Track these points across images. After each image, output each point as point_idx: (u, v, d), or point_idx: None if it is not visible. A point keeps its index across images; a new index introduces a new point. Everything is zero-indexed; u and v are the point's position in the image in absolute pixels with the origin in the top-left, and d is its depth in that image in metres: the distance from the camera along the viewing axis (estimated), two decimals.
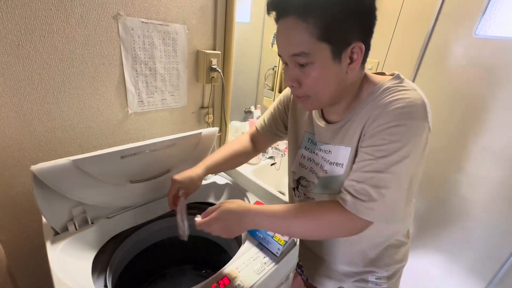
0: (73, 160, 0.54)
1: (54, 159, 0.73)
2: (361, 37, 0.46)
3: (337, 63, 0.47)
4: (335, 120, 0.59)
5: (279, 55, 0.51)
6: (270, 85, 1.46)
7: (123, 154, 0.62)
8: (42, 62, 0.64)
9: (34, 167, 0.51)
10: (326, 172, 0.60)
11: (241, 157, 0.76)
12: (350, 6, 0.43)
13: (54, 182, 0.54)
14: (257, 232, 0.63)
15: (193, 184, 0.65)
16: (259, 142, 0.79)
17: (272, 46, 1.33)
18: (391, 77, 0.52)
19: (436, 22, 1.12)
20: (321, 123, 0.60)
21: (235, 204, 0.53)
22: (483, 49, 1.03)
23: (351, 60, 0.47)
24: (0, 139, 0.64)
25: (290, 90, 0.71)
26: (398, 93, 0.48)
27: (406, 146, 0.45)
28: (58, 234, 0.60)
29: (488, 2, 0.98)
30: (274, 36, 1.30)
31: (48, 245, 0.56)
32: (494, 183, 1.08)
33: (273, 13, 0.48)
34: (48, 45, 0.64)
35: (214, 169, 0.70)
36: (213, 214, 0.52)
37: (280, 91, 1.41)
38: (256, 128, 0.79)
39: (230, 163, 0.74)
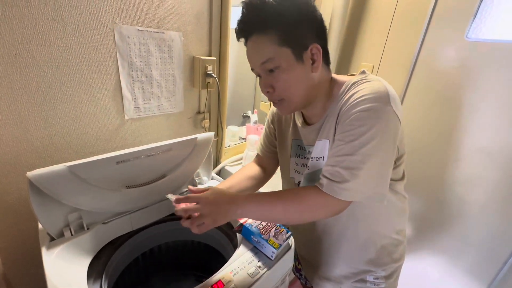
0: (69, 166, 0.55)
1: (50, 166, 0.74)
2: (316, 40, 0.53)
3: (300, 64, 0.53)
4: (314, 122, 0.63)
5: (252, 70, 0.58)
6: None
7: (118, 160, 0.62)
8: (39, 70, 0.65)
9: (30, 174, 0.51)
10: (309, 168, 0.63)
11: (256, 181, 0.76)
12: (300, 15, 0.51)
13: (49, 188, 0.55)
14: (252, 236, 0.63)
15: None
16: (265, 166, 0.80)
17: None
18: (358, 74, 0.58)
19: (429, 25, 1.14)
20: (304, 128, 0.64)
21: (223, 190, 0.56)
22: (475, 52, 1.04)
23: (313, 61, 0.54)
24: None
25: (273, 108, 0.76)
26: (362, 84, 0.53)
27: (371, 129, 0.48)
28: (54, 240, 0.60)
29: (478, 7, 1.00)
30: None
31: (44, 251, 0.56)
32: (490, 183, 1.09)
33: (242, 39, 0.56)
34: (45, 54, 0.65)
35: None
36: (206, 193, 0.53)
37: None
38: (258, 153, 0.83)
39: (249, 187, 0.74)
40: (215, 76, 0.97)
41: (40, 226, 0.62)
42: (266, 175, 0.80)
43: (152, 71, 0.85)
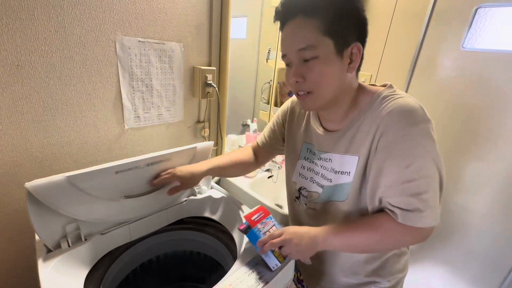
0: (67, 177, 0.55)
1: (49, 175, 0.74)
2: (359, 40, 0.51)
3: (339, 59, 0.50)
4: (333, 129, 0.61)
5: (283, 57, 0.55)
6: (266, 98, 1.48)
7: (117, 170, 0.62)
8: (40, 81, 0.66)
9: (28, 184, 0.51)
10: (331, 181, 0.61)
11: (243, 166, 0.79)
12: (351, 10, 0.49)
13: (48, 198, 0.55)
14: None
15: (192, 179, 0.69)
16: (259, 156, 0.82)
17: (267, 61, 1.36)
18: (385, 87, 0.56)
19: (425, 36, 1.16)
20: (321, 132, 0.62)
21: (302, 228, 0.57)
22: (471, 62, 1.06)
23: (351, 60, 0.52)
24: None
25: (287, 105, 0.75)
26: (396, 100, 0.51)
27: (423, 149, 0.48)
28: (51, 251, 0.59)
29: (473, 18, 1.02)
30: (268, 52, 1.33)
31: (40, 262, 0.55)
32: (491, 191, 1.08)
33: (279, 20, 0.53)
34: (47, 65, 0.66)
35: (216, 172, 0.73)
36: (286, 236, 0.55)
37: (275, 105, 1.43)
38: (257, 143, 0.82)
39: (232, 170, 0.77)
40: (215, 86, 0.98)
41: (37, 237, 0.61)
42: (256, 164, 0.81)
43: (153, 81, 0.86)
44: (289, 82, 0.55)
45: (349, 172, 0.58)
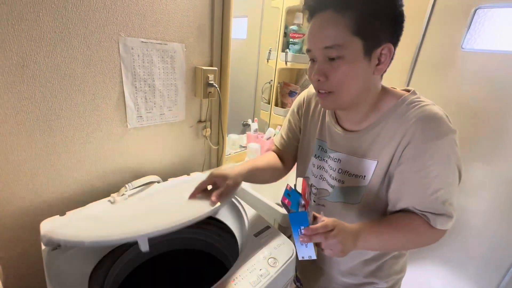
0: (89, 242, 0.50)
1: (52, 174, 0.75)
2: (392, 40, 0.48)
3: (366, 61, 0.48)
4: (350, 129, 0.59)
5: (307, 51, 0.52)
6: (267, 98, 1.49)
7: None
8: (45, 81, 0.67)
9: (46, 249, 0.51)
10: (343, 183, 0.60)
11: (276, 171, 0.72)
12: (387, 6, 0.46)
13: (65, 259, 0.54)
14: (304, 227, 0.47)
15: (225, 184, 0.58)
16: (285, 159, 0.75)
17: (267, 61, 1.37)
18: (409, 92, 0.55)
19: (425, 36, 1.17)
20: (338, 130, 0.60)
21: (347, 225, 0.50)
22: (470, 62, 1.07)
23: (379, 61, 0.49)
24: (1, 156, 0.66)
25: (302, 96, 0.71)
26: (423, 108, 0.51)
27: (449, 159, 0.50)
28: (56, 249, 0.60)
29: (472, 18, 1.03)
30: (269, 52, 1.34)
31: (45, 259, 0.56)
32: (491, 191, 1.09)
33: (308, 10, 0.49)
34: (52, 65, 0.67)
35: (253, 175, 0.64)
36: (334, 232, 0.46)
37: (276, 104, 1.44)
38: (276, 146, 0.76)
39: (267, 174, 0.69)
40: (216, 86, 0.99)
41: (42, 233, 0.62)
42: (284, 169, 0.73)
43: (155, 81, 0.87)
44: (311, 78, 0.53)
45: (364, 176, 0.56)
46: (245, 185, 1.13)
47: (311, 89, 0.70)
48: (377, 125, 0.54)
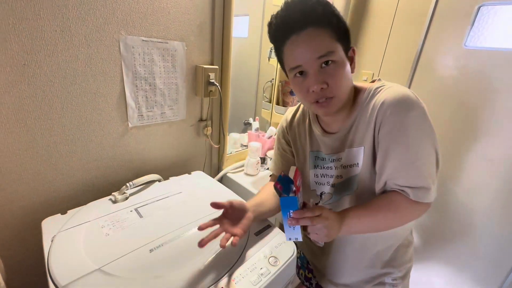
0: (101, 270, 0.52)
1: (54, 174, 0.75)
2: (350, 43, 0.57)
3: (347, 62, 0.55)
4: (337, 130, 0.63)
5: (295, 68, 0.55)
6: (268, 97, 1.49)
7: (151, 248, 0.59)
8: (46, 80, 0.67)
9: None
10: (342, 177, 0.64)
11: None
12: (340, 16, 0.54)
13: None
14: (293, 211, 0.51)
15: (247, 217, 0.61)
16: None
17: (269, 60, 1.36)
18: (374, 82, 0.61)
19: (427, 34, 1.16)
20: (326, 137, 0.65)
21: (333, 211, 0.54)
22: (473, 60, 1.06)
23: (352, 61, 0.57)
24: (2, 154, 0.66)
25: (281, 125, 0.76)
26: (387, 90, 0.55)
27: (421, 132, 0.52)
28: None
29: (475, 16, 1.02)
30: (270, 50, 1.34)
31: (48, 258, 0.57)
32: (492, 190, 1.08)
33: (281, 35, 0.54)
34: (52, 64, 0.67)
35: (258, 209, 0.66)
36: (320, 217, 0.49)
37: (277, 103, 1.44)
38: (274, 175, 0.79)
39: (271, 211, 0.70)
40: (217, 84, 0.98)
41: (43, 230, 0.62)
42: None
43: (156, 80, 0.87)
44: (308, 91, 0.55)
45: (357, 164, 0.60)
46: (247, 185, 1.13)
47: (287, 116, 0.76)
48: (355, 116, 0.60)
